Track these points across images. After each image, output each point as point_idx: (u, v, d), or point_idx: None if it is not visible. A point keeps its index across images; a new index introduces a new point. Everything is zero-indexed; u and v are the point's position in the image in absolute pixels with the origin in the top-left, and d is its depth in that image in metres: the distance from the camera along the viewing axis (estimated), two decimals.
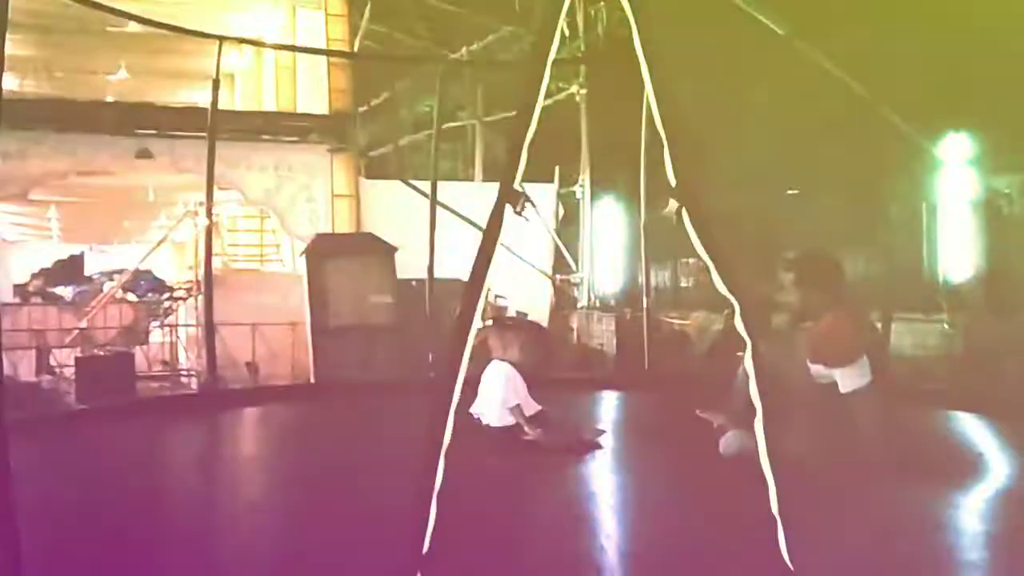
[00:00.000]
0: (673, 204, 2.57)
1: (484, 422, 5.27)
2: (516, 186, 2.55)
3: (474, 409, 5.32)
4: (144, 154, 12.69)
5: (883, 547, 3.37)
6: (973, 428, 5.94)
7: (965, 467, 4.67)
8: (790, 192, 12.72)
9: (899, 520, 3.75)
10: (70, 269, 16.86)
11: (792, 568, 2.50)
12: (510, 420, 5.20)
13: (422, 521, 2.51)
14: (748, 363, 2.55)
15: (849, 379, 4.17)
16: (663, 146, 2.64)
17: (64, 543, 3.55)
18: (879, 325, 9.08)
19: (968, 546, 3.57)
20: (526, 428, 5.11)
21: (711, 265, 2.54)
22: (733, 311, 2.63)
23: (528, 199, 2.64)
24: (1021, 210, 9.94)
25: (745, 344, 2.57)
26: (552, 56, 2.65)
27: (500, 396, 5.22)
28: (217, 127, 8.80)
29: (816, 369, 4.34)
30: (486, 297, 2.38)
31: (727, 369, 4.66)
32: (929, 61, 9.44)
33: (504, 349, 5.44)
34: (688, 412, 5.35)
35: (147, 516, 4.07)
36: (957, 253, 9.64)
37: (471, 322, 2.51)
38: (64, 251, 18.94)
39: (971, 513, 4.02)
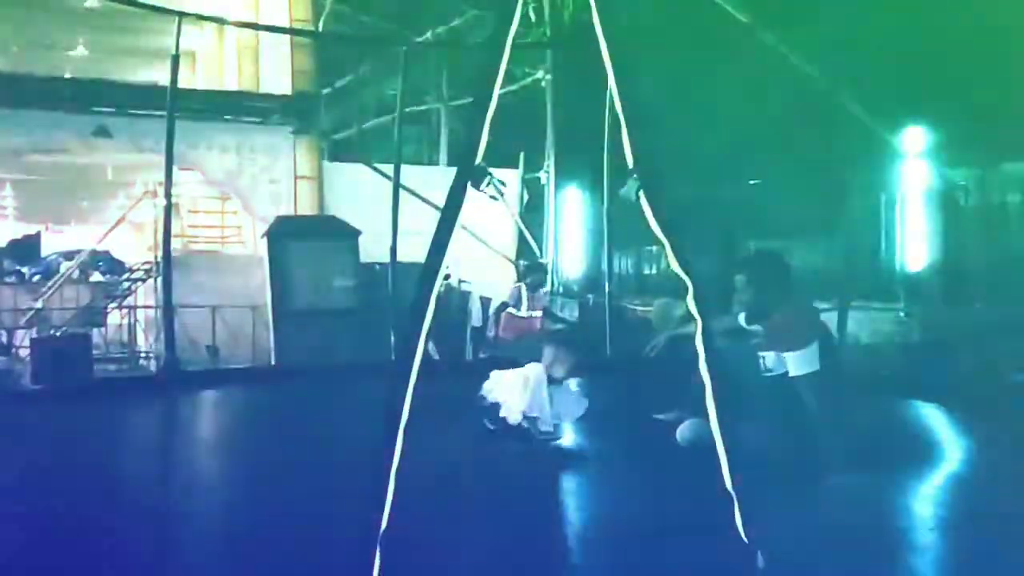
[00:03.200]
0: (632, 184, 2.59)
1: (501, 414, 5.05)
2: (478, 164, 2.54)
3: (492, 399, 5.12)
4: (102, 132, 12.49)
5: (835, 528, 3.43)
6: (926, 415, 6.05)
7: (916, 452, 4.76)
8: (752, 182, 12.83)
9: (851, 502, 3.82)
10: (26, 249, 16.53)
11: (747, 542, 2.54)
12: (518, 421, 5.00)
13: (381, 500, 2.51)
14: (699, 342, 2.59)
15: (799, 364, 4.28)
16: (622, 127, 2.66)
17: (17, 522, 3.50)
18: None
19: (918, 528, 3.65)
20: (538, 435, 4.95)
21: (666, 244, 2.57)
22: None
23: (493, 177, 2.63)
24: (977, 203, 10.12)
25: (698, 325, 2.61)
26: (513, 31, 2.64)
27: (523, 402, 4.97)
28: (177, 106, 8.66)
29: (770, 358, 4.44)
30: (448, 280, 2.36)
31: (686, 356, 4.72)
32: (891, 55, 9.55)
33: (552, 361, 5.16)
34: (648, 397, 5.41)
35: (102, 496, 4.02)
36: (914, 244, 9.80)
37: (429, 300, 2.51)
38: (19, 230, 18.59)
39: (922, 497, 4.11)
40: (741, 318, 4.69)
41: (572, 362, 5.17)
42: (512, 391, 5.04)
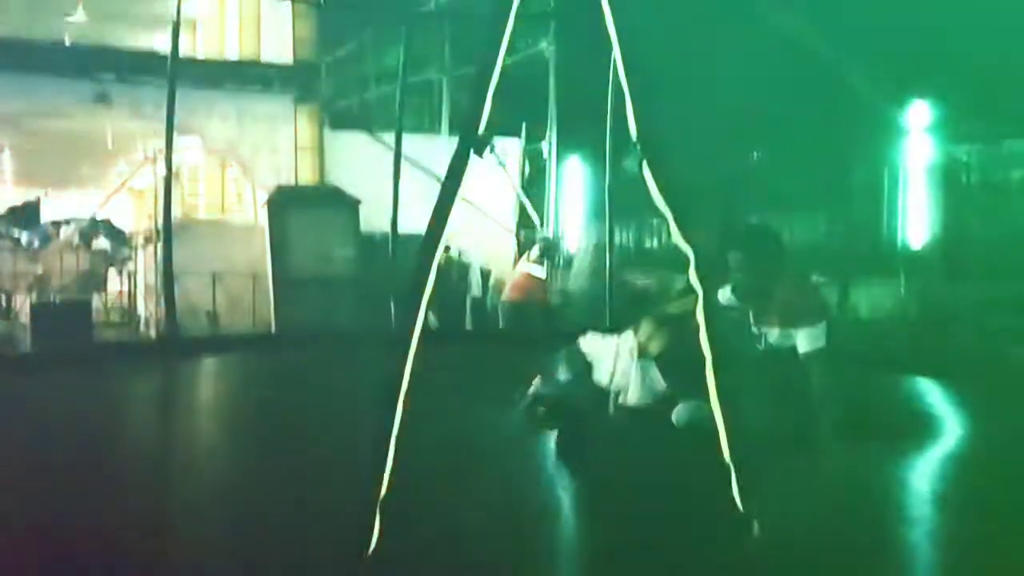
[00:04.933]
0: (635, 154, 2.59)
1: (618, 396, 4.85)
2: (480, 131, 2.54)
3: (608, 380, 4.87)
4: (103, 98, 12.44)
5: (834, 504, 3.46)
6: (925, 390, 6.07)
7: (917, 428, 4.78)
8: (754, 155, 12.80)
9: (850, 478, 3.85)
10: (25, 214, 16.52)
11: (743, 512, 2.57)
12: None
13: (380, 464, 2.54)
14: (699, 313, 2.60)
15: (810, 340, 4.28)
16: (626, 97, 2.65)
17: (13, 485, 3.53)
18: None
19: (917, 504, 3.68)
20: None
21: (669, 215, 2.57)
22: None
23: (494, 146, 2.63)
24: (979, 178, 10.11)
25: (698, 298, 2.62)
26: (517, 1, 2.63)
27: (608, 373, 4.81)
28: (178, 73, 8.62)
29: (774, 335, 4.44)
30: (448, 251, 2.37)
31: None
32: (895, 28, 9.49)
33: (650, 337, 4.86)
34: None
35: (100, 460, 4.05)
36: (916, 219, 9.79)
37: (430, 270, 2.51)
38: (19, 196, 18.53)
39: (921, 473, 4.14)
40: (722, 295, 4.66)
41: (669, 341, 4.86)
42: (602, 357, 4.89)
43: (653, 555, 2.84)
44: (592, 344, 5.07)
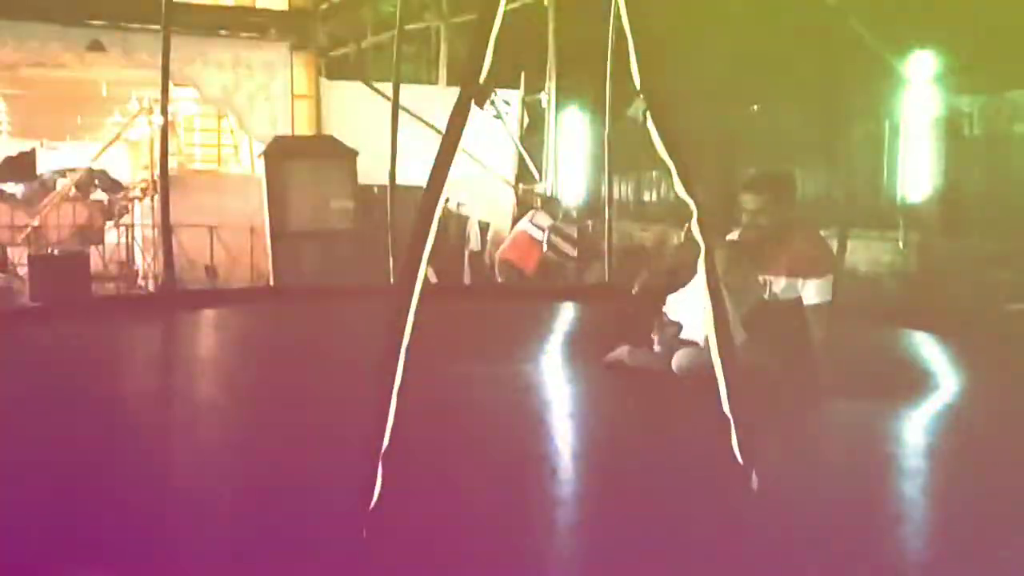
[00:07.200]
0: (639, 105, 2.56)
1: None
2: (481, 81, 2.50)
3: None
4: (96, 46, 12.28)
5: (833, 456, 3.49)
6: (922, 345, 6.08)
7: (913, 382, 4.80)
8: (753, 107, 12.68)
9: (848, 431, 3.88)
10: (21, 166, 16.41)
11: (743, 463, 2.59)
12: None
13: (381, 419, 2.54)
14: (701, 266, 2.60)
15: (817, 292, 4.29)
16: (629, 47, 2.61)
17: (13, 440, 3.54)
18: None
19: (914, 457, 3.71)
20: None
21: (672, 167, 2.55)
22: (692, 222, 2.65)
23: (496, 96, 2.60)
24: (981, 131, 10.03)
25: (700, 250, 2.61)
26: None
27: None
28: (173, 20, 8.48)
29: (780, 284, 4.43)
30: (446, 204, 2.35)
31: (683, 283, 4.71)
32: None
33: (727, 272, 4.74)
34: (644, 322, 5.43)
35: (102, 410, 4.06)
36: (916, 172, 9.74)
37: (432, 220, 2.49)
38: (14, 147, 18.40)
39: (918, 427, 4.17)
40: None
41: (744, 270, 4.69)
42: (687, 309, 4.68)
43: (651, 508, 2.87)
44: (676, 306, 4.77)
